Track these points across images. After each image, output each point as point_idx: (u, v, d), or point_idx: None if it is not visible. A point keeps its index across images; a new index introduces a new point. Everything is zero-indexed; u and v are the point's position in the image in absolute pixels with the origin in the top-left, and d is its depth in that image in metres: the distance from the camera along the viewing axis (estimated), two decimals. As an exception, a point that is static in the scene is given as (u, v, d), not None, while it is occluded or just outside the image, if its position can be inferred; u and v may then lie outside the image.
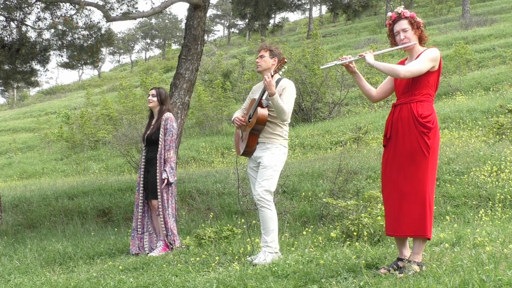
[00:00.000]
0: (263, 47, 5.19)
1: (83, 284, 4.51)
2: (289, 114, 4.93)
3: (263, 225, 4.91)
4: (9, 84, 11.73)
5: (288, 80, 5.12)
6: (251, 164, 5.16)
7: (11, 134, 27.59)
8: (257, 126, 4.97)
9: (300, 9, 36.47)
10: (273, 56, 5.11)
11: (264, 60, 5.10)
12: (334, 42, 33.25)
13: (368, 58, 3.95)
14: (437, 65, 3.89)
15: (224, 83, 20.09)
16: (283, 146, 5.03)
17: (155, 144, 6.14)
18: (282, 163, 5.04)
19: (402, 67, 3.85)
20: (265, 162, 4.94)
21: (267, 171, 4.92)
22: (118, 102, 21.15)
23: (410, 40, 3.94)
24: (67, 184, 12.14)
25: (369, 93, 4.21)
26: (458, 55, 17.88)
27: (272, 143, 4.99)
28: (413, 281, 3.44)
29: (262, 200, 4.89)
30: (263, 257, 4.76)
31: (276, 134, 5.01)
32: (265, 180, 4.91)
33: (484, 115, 11.88)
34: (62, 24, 9.07)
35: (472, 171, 7.41)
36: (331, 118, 16.02)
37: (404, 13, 3.96)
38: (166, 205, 6.06)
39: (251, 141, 5.03)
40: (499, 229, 4.92)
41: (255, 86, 5.39)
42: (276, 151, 4.97)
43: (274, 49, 5.14)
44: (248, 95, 5.42)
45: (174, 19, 62.97)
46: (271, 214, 4.90)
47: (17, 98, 51.47)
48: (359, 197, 6.63)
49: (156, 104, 6.24)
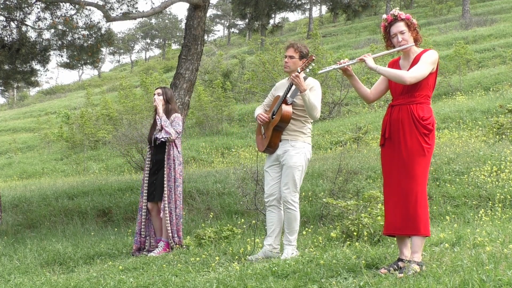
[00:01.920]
0: (293, 46, 5.06)
1: (83, 284, 4.51)
2: (319, 111, 4.91)
3: (288, 225, 4.98)
4: (9, 84, 11.73)
5: (314, 79, 5.10)
6: (270, 162, 5.12)
7: (11, 134, 27.59)
8: (281, 123, 4.94)
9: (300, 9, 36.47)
10: (302, 58, 5.02)
11: (293, 62, 5.02)
12: (334, 42, 33.25)
13: (369, 62, 3.97)
14: (435, 67, 3.95)
15: (224, 83, 20.09)
16: (307, 144, 5.02)
17: (163, 146, 6.12)
18: (307, 162, 5.03)
19: (407, 73, 3.87)
20: (290, 162, 4.92)
21: (293, 172, 4.91)
22: (118, 102, 21.16)
23: (408, 42, 3.97)
24: (67, 184, 12.14)
25: (365, 95, 4.23)
26: (458, 55, 17.87)
27: (296, 140, 4.97)
28: (413, 281, 3.44)
29: (289, 202, 4.93)
30: (290, 251, 4.90)
31: (299, 131, 4.99)
32: (291, 181, 4.91)
33: (484, 115, 11.88)
34: (62, 24, 9.08)
35: (472, 171, 7.41)
36: (331, 118, 16.02)
37: (400, 15, 3.99)
38: (174, 206, 6.06)
39: (275, 138, 5.00)
40: (499, 229, 4.93)
41: (278, 83, 5.34)
42: (300, 150, 4.95)
43: (304, 50, 5.05)
44: (270, 92, 5.37)
45: (174, 19, 62.96)
46: (297, 215, 4.98)
47: (17, 98, 51.46)
48: (359, 197, 6.63)
49: (161, 102, 6.22)
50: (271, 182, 5.10)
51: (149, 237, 6.26)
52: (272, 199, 5.08)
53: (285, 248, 4.97)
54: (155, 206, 6.19)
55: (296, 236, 5.02)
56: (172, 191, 6.05)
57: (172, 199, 6.05)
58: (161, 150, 6.13)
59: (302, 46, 5.09)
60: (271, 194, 5.10)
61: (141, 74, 27.04)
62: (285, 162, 4.94)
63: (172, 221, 6.01)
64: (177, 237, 6.03)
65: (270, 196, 5.10)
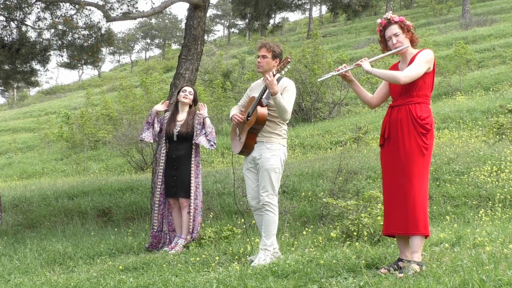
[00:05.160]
0: (265, 46, 5.00)
1: (83, 284, 4.51)
2: (290, 113, 4.87)
3: (266, 229, 4.89)
4: (9, 84, 11.73)
5: (289, 79, 5.04)
6: (247, 165, 5.08)
7: (11, 134, 27.59)
8: (256, 125, 4.90)
9: (300, 9, 36.54)
10: (276, 57, 4.98)
11: (266, 61, 4.97)
12: (334, 42, 33.25)
13: (365, 66, 4.03)
14: (432, 66, 3.98)
15: (224, 83, 20.09)
16: (282, 145, 4.96)
17: (186, 141, 6.11)
18: (283, 163, 4.98)
19: (401, 73, 3.92)
20: (266, 165, 4.87)
21: (269, 174, 4.86)
22: (118, 102, 21.15)
23: (403, 44, 4.03)
24: (67, 184, 12.13)
25: (368, 99, 4.28)
26: (458, 55, 17.88)
27: (271, 142, 4.92)
28: (413, 281, 3.44)
29: (268, 204, 4.87)
30: (263, 257, 4.76)
31: (275, 133, 4.94)
32: (269, 184, 4.87)
33: (484, 115, 11.88)
34: (62, 24, 9.07)
35: (472, 171, 7.41)
36: (331, 118, 16.02)
37: (393, 18, 4.07)
38: (199, 203, 6.11)
39: (250, 140, 4.96)
40: (499, 229, 4.93)
41: (254, 83, 5.30)
42: (276, 152, 4.90)
43: (277, 50, 5.00)
44: (245, 92, 5.34)
45: (174, 19, 62.98)
46: (275, 218, 4.90)
47: (17, 98, 51.46)
48: (359, 197, 6.63)
49: (190, 102, 6.27)
50: (252, 185, 5.05)
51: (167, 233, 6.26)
52: (256, 202, 5.04)
53: (259, 253, 4.86)
54: (177, 202, 6.18)
55: (273, 241, 4.91)
56: (198, 187, 6.12)
57: (198, 196, 6.11)
58: (182, 146, 6.13)
59: (274, 45, 5.03)
60: (254, 197, 5.05)
61: (141, 74, 27.01)
62: (261, 165, 4.89)
63: (196, 218, 6.03)
64: (196, 232, 6.05)
65: (254, 199, 5.06)
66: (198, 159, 6.20)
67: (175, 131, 6.14)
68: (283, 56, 5.07)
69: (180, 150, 6.14)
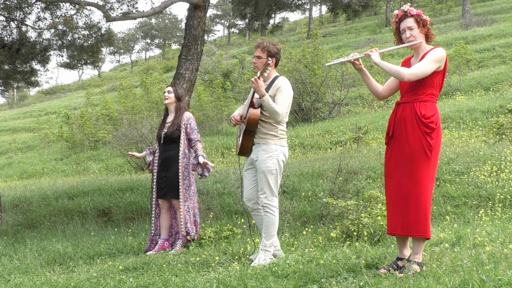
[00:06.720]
0: (260, 46, 4.97)
1: (83, 284, 4.51)
2: (283, 115, 4.79)
3: (265, 230, 4.89)
4: (9, 84, 11.73)
5: (284, 78, 4.99)
6: (247, 165, 5.09)
7: (11, 134, 27.58)
8: (249, 127, 4.89)
9: (300, 9, 36.58)
10: (272, 57, 4.93)
11: (261, 62, 4.93)
12: (334, 42, 33.23)
13: (374, 57, 3.93)
14: (443, 65, 3.87)
15: (224, 83, 20.08)
16: (279, 146, 4.90)
17: (174, 143, 6.14)
18: (281, 164, 4.92)
19: (407, 70, 3.83)
20: (263, 167, 4.85)
21: (266, 177, 4.84)
22: (118, 102, 21.13)
23: (416, 38, 3.92)
24: (67, 184, 12.13)
25: (376, 90, 4.18)
26: (458, 55, 17.88)
27: (267, 143, 4.88)
28: (413, 281, 3.44)
29: (267, 206, 4.87)
30: (263, 257, 4.76)
31: (271, 134, 4.89)
32: (267, 186, 4.86)
33: (484, 115, 11.87)
34: (62, 24, 9.07)
35: (472, 171, 7.40)
36: (331, 118, 16.01)
37: (410, 11, 3.94)
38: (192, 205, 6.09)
39: (246, 142, 4.96)
40: (499, 229, 4.92)
41: None
42: (272, 153, 4.85)
43: (272, 49, 4.95)
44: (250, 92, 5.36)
45: (174, 19, 62.99)
46: (275, 219, 4.89)
47: (17, 98, 51.46)
48: (359, 197, 6.63)
49: (173, 100, 6.26)
50: (249, 186, 5.05)
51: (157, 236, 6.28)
52: (252, 203, 5.04)
53: (259, 253, 4.87)
54: (166, 203, 6.19)
55: (273, 242, 4.91)
56: (188, 189, 6.09)
57: (188, 197, 6.08)
58: (171, 147, 6.16)
59: (270, 44, 4.98)
60: (249, 198, 5.05)
61: (141, 74, 27.00)
62: (258, 167, 4.88)
63: (189, 219, 6.02)
64: (195, 233, 6.04)
65: (249, 200, 5.06)
66: (186, 160, 6.15)
67: (162, 133, 6.22)
68: (280, 55, 5.06)
69: (168, 151, 6.19)
